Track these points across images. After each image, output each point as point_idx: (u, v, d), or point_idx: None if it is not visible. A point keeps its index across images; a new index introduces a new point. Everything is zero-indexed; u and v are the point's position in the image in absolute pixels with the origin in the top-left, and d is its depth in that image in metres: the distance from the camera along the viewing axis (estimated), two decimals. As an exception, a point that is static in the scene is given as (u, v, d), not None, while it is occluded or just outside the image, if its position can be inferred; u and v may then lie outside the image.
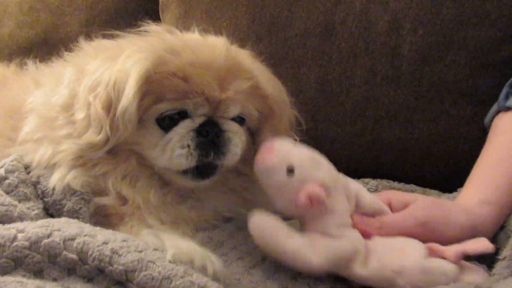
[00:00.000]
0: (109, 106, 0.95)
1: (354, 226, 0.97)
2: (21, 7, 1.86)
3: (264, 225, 0.93)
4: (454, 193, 1.23)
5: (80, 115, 0.96)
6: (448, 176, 1.39)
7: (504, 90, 1.26)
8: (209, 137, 0.99)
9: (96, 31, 1.76)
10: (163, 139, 0.98)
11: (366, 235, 0.97)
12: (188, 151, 0.97)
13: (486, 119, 1.29)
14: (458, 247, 0.95)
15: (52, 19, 1.82)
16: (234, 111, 1.02)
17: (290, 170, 0.93)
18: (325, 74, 1.44)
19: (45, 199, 0.99)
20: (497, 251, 0.98)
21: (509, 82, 1.27)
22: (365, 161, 1.46)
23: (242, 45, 1.14)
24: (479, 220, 1.03)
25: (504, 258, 0.91)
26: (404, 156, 1.44)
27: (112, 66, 0.96)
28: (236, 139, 1.02)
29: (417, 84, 1.39)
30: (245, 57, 1.07)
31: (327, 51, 1.44)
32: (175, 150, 0.98)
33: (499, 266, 0.92)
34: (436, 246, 0.97)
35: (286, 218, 0.97)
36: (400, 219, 1.00)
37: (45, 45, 1.81)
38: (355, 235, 0.96)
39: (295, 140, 1.11)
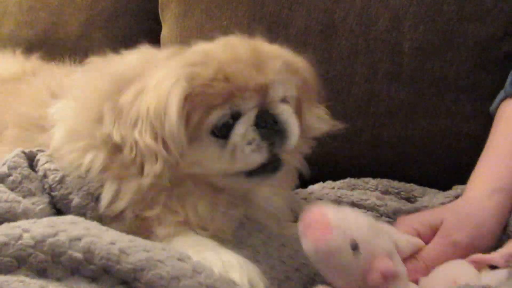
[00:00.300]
0: (156, 137, 0.93)
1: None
2: (20, 6, 1.86)
3: None
4: (451, 191, 1.23)
5: (129, 153, 0.95)
6: (449, 173, 1.39)
7: (510, 78, 1.26)
8: (269, 125, 0.97)
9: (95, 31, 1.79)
10: (227, 147, 0.96)
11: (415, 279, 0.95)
12: (256, 144, 0.95)
13: (492, 108, 1.29)
14: (503, 252, 0.93)
15: (51, 19, 1.82)
16: (279, 92, 1.00)
17: (355, 248, 0.85)
18: (326, 72, 1.44)
19: (53, 193, 0.99)
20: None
21: None
22: (365, 158, 1.47)
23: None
24: (497, 213, 1.03)
25: None
26: (405, 153, 1.44)
27: (143, 98, 0.95)
28: (292, 119, 1.00)
29: (418, 81, 1.40)
30: (261, 42, 1.06)
31: (328, 49, 1.44)
32: (244, 149, 0.95)
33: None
34: (479, 257, 0.94)
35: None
36: (440, 250, 0.98)
37: (45, 45, 1.80)
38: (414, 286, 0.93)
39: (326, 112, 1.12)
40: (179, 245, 0.93)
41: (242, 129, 0.96)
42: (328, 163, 1.38)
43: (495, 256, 0.92)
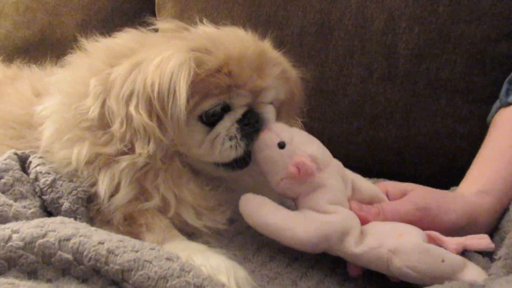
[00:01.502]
0: (151, 114, 0.96)
1: (351, 210, 0.98)
2: (17, 7, 1.86)
3: (251, 201, 0.97)
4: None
5: (119, 128, 0.97)
6: (445, 174, 1.39)
7: (504, 87, 1.26)
8: (251, 125, 1.02)
9: (92, 31, 1.79)
10: (210, 135, 1.01)
11: (363, 221, 0.97)
12: (236, 142, 1.01)
13: (488, 118, 1.29)
14: (459, 239, 0.96)
15: (48, 19, 1.83)
16: (270, 97, 1.06)
17: (281, 145, 0.98)
18: (322, 73, 1.44)
19: (44, 197, 1.00)
20: (492, 252, 0.98)
21: (508, 79, 1.27)
22: (361, 159, 1.46)
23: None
24: (476, 208, 1.03)
25: (499, 258, 0.92)
26: (401, 154, 1.44)
27: (141, 73, 0.96)
28: (272, 119, 1.06)
29: (413, 82, 1.40)
30: (267, 45, 1.11)
31: (324, 49, 1.44)
32: (224, 143, 1.01)
33: (494, 266, 0.92)
34: (436, 234, 0.97)
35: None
36: (399, 205, 1.01)
37: (42, 45, 1.81)
38: (349, 212, 0.97)
39: (300, 121, 1.19)
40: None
41: (229, 123, 1.01)
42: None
43: (450, 241, 0.95)
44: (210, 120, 1.01)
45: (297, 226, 0.93)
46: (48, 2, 1.83)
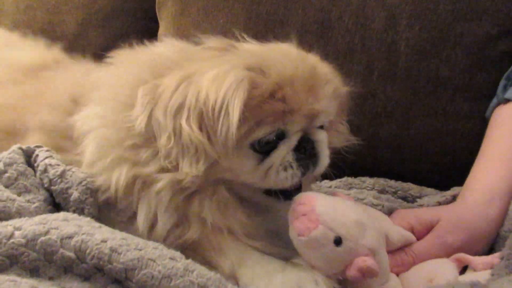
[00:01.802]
0: (201, 128, 0.90)
1: (391, 268, 0.95)
2: (17, 5, 1.86)
3: None
4: (449, 192, 1.23)
5: (166, 143, 0.91)
6: (445, 172, 1.39)
7: (502, 83, 1.26)
8: (307, 152, 0.97)
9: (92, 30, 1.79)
10: (263, 164, 0.95)
11: (401, 272, 0.96)
12: (293, 172, 0.95)
13: (487, 113, 1.30)
14: (486, 258, 0.96)
15: (48, 17, 1.82)
16: (324, 119, 1.00)
17: (338, 242, 0.87)
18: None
19: (53, 188, 0.99)
20: (491, 251, 1.00)
21: (506, 74, 1.27)
22: (362, 158, 1.45)
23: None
24: (494, 220, 1.04)
25: (502, 258, 0.92)
26: (401, 152, 1.44)
27: (192, 85, 0.91)
28: (326, 148, 1.00)
29: (413, 80, 1.40)
30: (315, 60, 1.04)
31: (324, 47, 1.44)
32: (279, 173, 0.95)
33: (497, 266, 0.92)
34: (464, 256, 0.96)
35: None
36: (430, 249, 1.00)
37: (42, 44, 1.81)
38: (396, 284, 0.94)
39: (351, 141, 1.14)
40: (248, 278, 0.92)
41: (284, 151, 0.95)
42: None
43: (477, 261, 0.95)
44: (264, 148, 0.94)
45: None
46: (48, 0, 1.83)
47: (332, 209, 0.90)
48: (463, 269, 0.99)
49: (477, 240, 1.02)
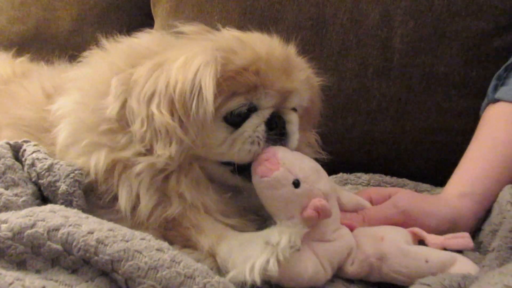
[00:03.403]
0: (173, 114, 0.93)
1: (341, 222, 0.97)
2: (12, 2, 1.86)
3: None
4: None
5: (139, 128, 0.94)
6: (440, 169, 1.38)
7: (492, 83, 1.26)
8: (277, 130, 0.99)
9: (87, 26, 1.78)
10: (233, 135, 0.97)
11: (351, 229, 0.97)
12: (258, 146, 0.97)
13: (480, 112, 1.29)
14: (440, 238, 0.97)
15: (43, 14, 1.82)
16: (296, 101, 1.03)
17: (297, 184, 0.92)
18: (316, 68, 1.43)
19: (40, 181, 0.99)
20: (480, 244, 1.00)
21: (496, 74, 1.27)
22: (357, 155, 1.46)
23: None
24: (459, 212, 1.04)
25: (493, 250, 0.92)
26: (396, 149, 1.44)
27: (163, 72, 0.94)
28: (296, 131, 1.02)
29: (408, 77, 1.39)
30: (292, 51, 1.08)
31: (318, 44, 1.44)
32: (245, 144, 0.97)
33: (488, 258, 0.92)
34: (419, 230, 0.98)
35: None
36: (381, 209, 1.02)
37: (37, 40, 1.81)
38: (347, 233, 0.96)
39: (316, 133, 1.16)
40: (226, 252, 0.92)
41: (253, 124, 0.97)
42: (320, 159, 1.37)
43: (432, 238, 0.97)
44: (236, 120, 0.97)
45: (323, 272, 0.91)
46: (43, -3, 1.83)
47: (292, 156, 0.96)
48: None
49: (433, 217, 1.02)
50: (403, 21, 1.37)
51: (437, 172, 1.37)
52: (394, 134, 1.42)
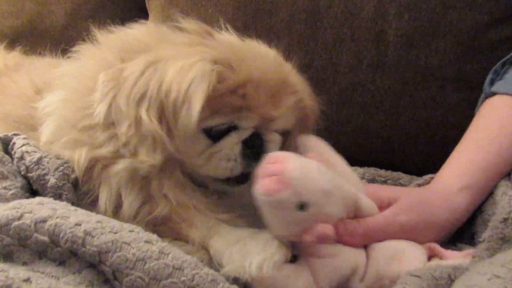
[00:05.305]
0: (161, 120, 0.92)
1: (339, 237, 0.92)
2: (6, -4, 1.85)
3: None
4: (429, 175, 1.21)
5: (126, 131, 0.93)
6: (435, 162, 1.37)
7: (489, 77, 1.25)
8: (255, 149, 0.98)
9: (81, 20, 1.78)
10: (211, 149, 0.97)
11: (352, 245, 0.94)
12: (234, 163, 0.97)
13: (476, 109, 1.28)
14: (458, 254, 0.95)
15: (37, 8, 1.81)
16: (279, 126, 1.02)
17: (302, 208, 0.86)
18: (311, 61, 1.43)
19: (29, 174, 0.98)
20: (473, 235, 1.00)
21: (493, 69, 1.26)
22: (351, 148, 1.45)
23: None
24: (460, 210, 1.03)
25: (483, 240, 0.92)
26: (391, 143, 1.43)
27: (156, 73, 0.92)
28: (275, 149, 1.00)
29: (403, 70, 1.39)
30: (290, 69, 1.07)
31: (313, 37, 1.43)
32: (221, 161, 0.97)
33: (478, 249, 0.92)
34: (437, 247, 0.96)
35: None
36: (382, 224, 0.97)
37: (31, 35, 1.80)
38: (350, 248, 0.93)
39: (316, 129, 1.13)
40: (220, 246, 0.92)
41: (231, 142, 0.97)
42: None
43: (449, 255, 0.94)
44: (215, 135, 0.97)
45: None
46: (37, -9, 1.82)
47: (303, 174, 0.88)
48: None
49: (435, 227, 1.00)
50: (397, 14, 1.37)
51: (431, 166, 1.36)
52: (388, 128, 1.42)
